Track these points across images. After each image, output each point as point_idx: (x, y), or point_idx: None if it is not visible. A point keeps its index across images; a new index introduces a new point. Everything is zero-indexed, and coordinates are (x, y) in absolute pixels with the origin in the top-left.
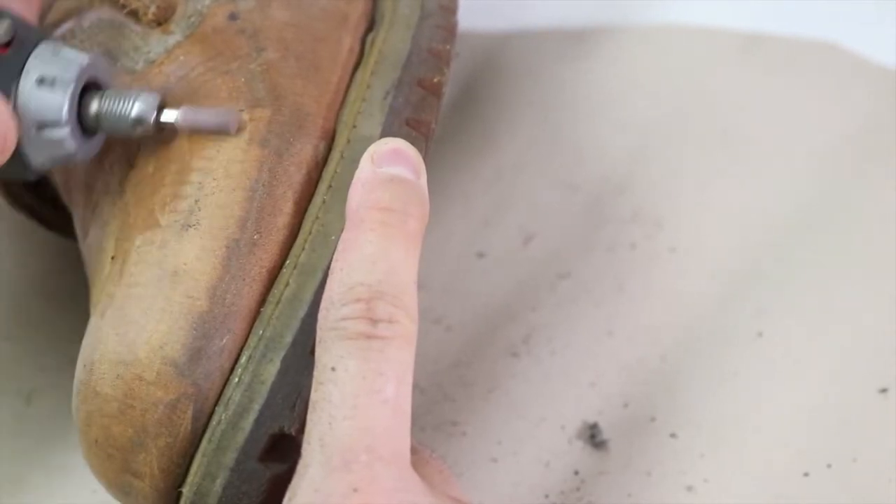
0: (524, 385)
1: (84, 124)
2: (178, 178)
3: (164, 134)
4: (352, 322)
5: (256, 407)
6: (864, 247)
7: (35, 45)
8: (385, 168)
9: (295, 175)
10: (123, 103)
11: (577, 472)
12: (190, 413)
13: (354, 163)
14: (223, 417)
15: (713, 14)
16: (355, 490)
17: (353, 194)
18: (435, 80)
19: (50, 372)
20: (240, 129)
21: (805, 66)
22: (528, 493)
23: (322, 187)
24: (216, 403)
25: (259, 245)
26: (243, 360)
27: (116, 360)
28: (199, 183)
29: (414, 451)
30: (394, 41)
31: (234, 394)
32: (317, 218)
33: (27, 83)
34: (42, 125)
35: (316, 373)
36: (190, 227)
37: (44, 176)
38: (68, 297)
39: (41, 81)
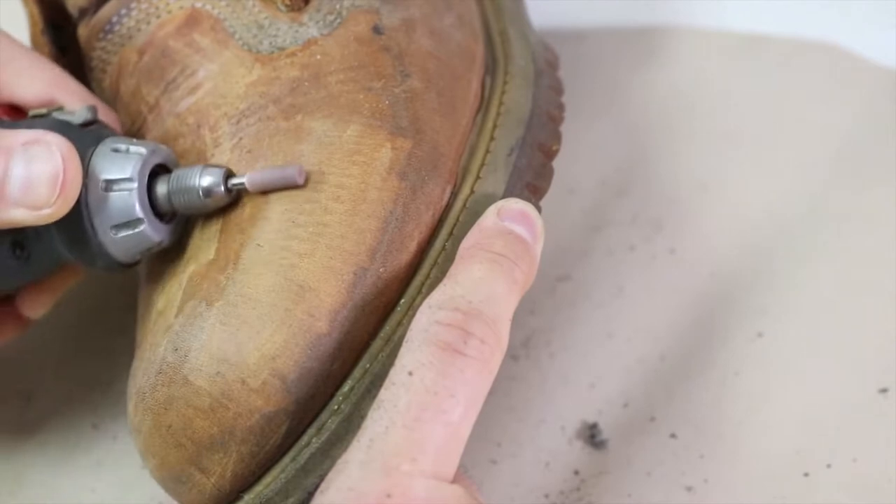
0: (524, 387)
1: (158, 210)
2: (313, 192)
3: (234, 200)
4: (445, 329)
5: (351, 438)
6: (864, 246)
7: (102, 139)
8: (507, 223)
9: (424, 215)
10: (190, 179)
11: (577, 472)
12: (284, 429)
13: (476, 215)
14: (313, 441)
15: (713, 14)
16: (389, 496)
17: (469, 237)
18: (553, 147)
19: (50, 372)
20: (306, 181)
21: (805, 66)
22: (528, 493)
23: (443, 233)
24: (309, 425)
25: (383, 279)
26: (345, 389)
27: (220, 357)
28: (337, 197)
29: None
30: (516, 96)
31: (329, 421)
32: (435, 264)
33: (103, 150)
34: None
35: (393, 370)
36: (321, 242)
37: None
38: (68, 297)
39: (108, 184)
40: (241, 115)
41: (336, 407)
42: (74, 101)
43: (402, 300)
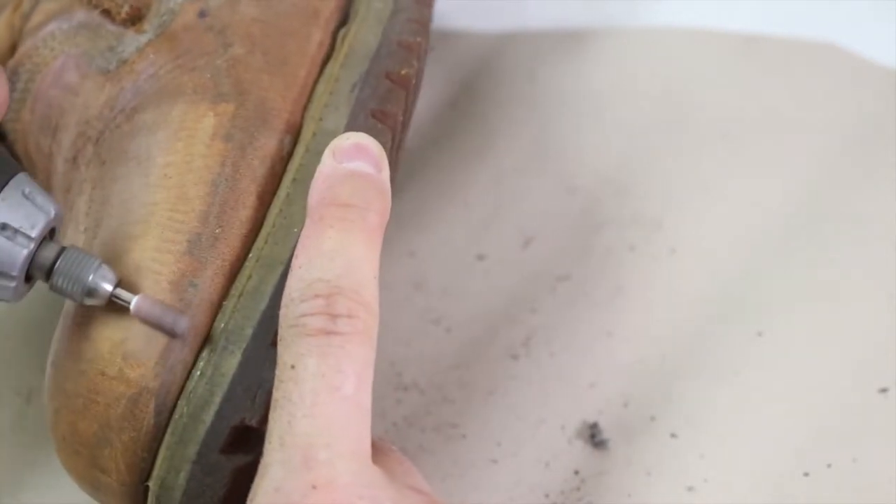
0: (524, 386)
1: (30, 272)
2: (145, 178)
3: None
4: (311, 318)
5: (217, 399)
6: (864, 246)
7: (13, 175)
8: (346, 163)
9: (259, 169)
10: (83, 270)
11: (577, 472)
12: (152, 407)
13: (319, 156)
14: (185, 411)
15: (712, 14)
16: (314, 487)
17: (313, 190)
18: (402, 72)
19: None
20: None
21: (805, 66)
22: (529, 492)
23: (286, 180)
24: (178, 397)
25: (221, 239)
26: (205, 353)
27: (79, 357)
28: (165, 175)
29: (373, 444)
30: (365, 35)
31: (196, 387)
32: (280, 211)
33: (13, 190)
34: None
35: (277, 371)
36: (152, 221)
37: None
38: None
39: (3, 227)
40: (99, 135)
41: (199, 372)
42: None
43: (251, 254)
